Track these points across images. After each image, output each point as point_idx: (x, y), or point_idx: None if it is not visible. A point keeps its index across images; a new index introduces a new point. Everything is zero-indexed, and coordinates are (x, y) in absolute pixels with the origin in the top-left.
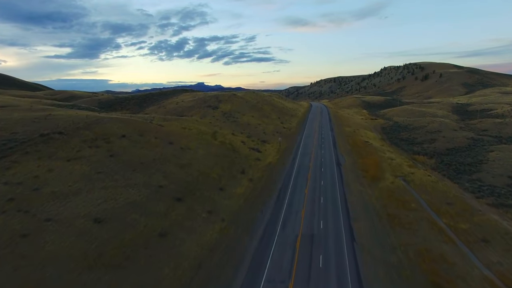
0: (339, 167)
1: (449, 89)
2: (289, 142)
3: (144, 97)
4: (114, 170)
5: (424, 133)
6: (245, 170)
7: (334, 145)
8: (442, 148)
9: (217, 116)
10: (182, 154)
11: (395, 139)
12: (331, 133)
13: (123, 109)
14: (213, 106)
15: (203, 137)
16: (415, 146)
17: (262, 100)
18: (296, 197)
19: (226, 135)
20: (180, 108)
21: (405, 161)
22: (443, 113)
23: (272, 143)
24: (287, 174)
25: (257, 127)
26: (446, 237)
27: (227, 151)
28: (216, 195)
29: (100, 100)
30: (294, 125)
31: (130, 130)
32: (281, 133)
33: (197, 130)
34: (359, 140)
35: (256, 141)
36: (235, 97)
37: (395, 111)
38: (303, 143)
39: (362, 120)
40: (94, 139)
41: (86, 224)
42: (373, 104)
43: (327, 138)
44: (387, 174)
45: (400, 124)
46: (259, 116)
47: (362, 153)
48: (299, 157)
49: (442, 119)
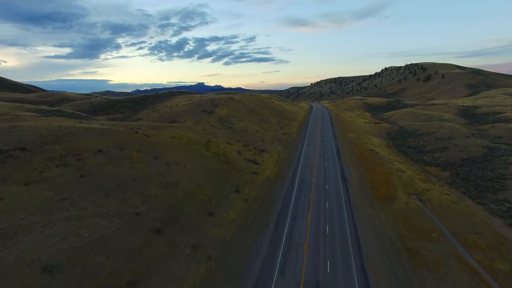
0: (345, 183)
1: (452, 90)
2: (289, 151)
3: (138, 99)
4: (82, 195)
5: (433, 140)
6: (240, 188)
7: (338, 155)
8: (455, 158)
9: (212, 122)
10: (168, 171)
11: (402, 147)
12: (334, 140)
13: (115, 113)
14: (208, 111)
15: (194, 148)
16: (425, 155)
17: (261, 103)
18: (297, 226)
19: (221, 144)
20: (173, 113)
21: (417, 174)
22: (449, 116)
23: (270, 153)
24: (287, 193)
25: (255, 134)
26: (483, 284)
27: (221, 164)
28: (204, 222)
29: (93, 103)
30: (295, 130)
31: (109, 143)
32: (280, 140)
33: (188, 139)
34: (364, 148)
35: (254, 150)
36: (232, 100)
37: (399, 114)
38: (304, 153)
39: (365, 124)
40: (64, 155)
41: (31, 274)
42: (376, 106)
43: (330, 146)
44: (400, 192)
45: (406, 129)
46: (258, 121)
47: (369, 165)
48: (300, 170)
49: (451, 124)
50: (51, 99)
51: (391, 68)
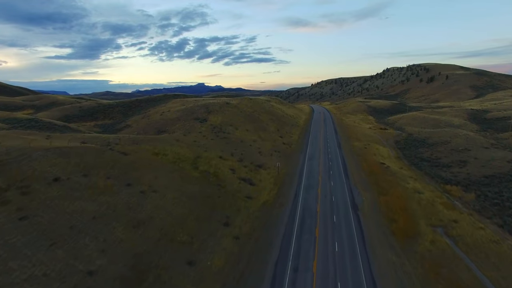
0: (356, 212)
1: (457, 92)
2: (289, 165)
3: (130, 104)
4: (16, 249)
5: (449, 151)
6: (231, 219)
7: (345, 171)
8: (478, 175)
9: (205, 132)
10: (142, 203)
11: (414, 159)
12: (339, 151)
13: (105, 118)
14: (201, 119)
15: (180, 167)
16: (441, 170)
17: (259, 108)
18: (299, 283)
19: (212, 159)
20: (163, 121)
21: (437, 196)
22: (459, 121)
23: (269, 168)
24: (287, 228)
25: (251, 144)
26: None
27: (210, 188)
28: (180, 277)
29: (82, 107)
30: (296, 139)
31: (71, 167)
32: (280, 151)
33: (174, 155)
34: (373, 161)
35: (250, 166)
36: (228, 106)
37: (406, 119)
38: (307, 168)
39: (370, 131)
40: (5, 188)
41: None
42: (380, 109)
43: (335, 159)
44: (422, 224)
45: (416, 137)
46: (255, 128)
47: (381, 184)
48: (302, 193)
49: (465, 132)
50: (39, 103)
51: (392, 69)
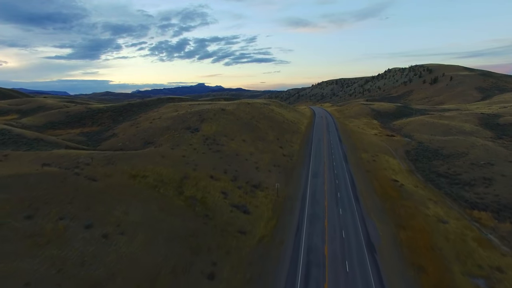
0: (373, 255)
1: (463, 94)
2: (290, 184)
3: (121, 108)
4: None
5: (468, 165)
6: (217, 268)
7: (354, 194)
8: (509, 197)
9: (196, 144)
10: (101, 253)
11: (429, 173)
12: (346, 165)
13: (93, 125)
14: (192, 128)
15: (161, 194)
16: (463, 190)
17: (257, 113)
18: None
19: (201, 180)
20: (152, 130)
21: (466, 227)
22: (471, 127)
23: (267, 189)
24: (288, 282)
25: (248, 158)
26: None
27: (194, 221)
28: None
29: (69, 113)
30: (297, 149)
31: (12, 206)
32: (280, 166)
33: (156, 177)
34: (384, 178)
35: (244, 187)
36: (223, 113)
37: (413, 124)
38: (311, 189)
39: (377, 138)
40: None
41: None
42: (384, 113)
43: (342, 176)
44: (457, 272)
45: (427, 147)
46: (253, 138)
47: (399, 211)
48: (306, 226)
49: (483, 142)
50: (25, 107)
51: (394, 70)
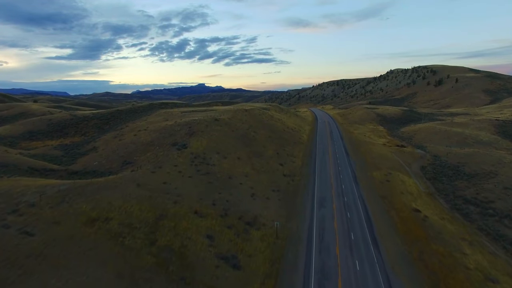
0: None
1: (470, 96)
2: (292, 218)
3: (109, 115)
4: None
5: (502, 190)
6: None
7: (372, 237)
8: None
9: (182, 165)
10: None
11: (452, 197)
12: (357, 188)
13: (76, 135)
14: (179, 144)
15: (123, 247)
16: (502, 224)
17: (255, 122)
18: None
19: (182, 219)
20: (134, 145)
21: None
22: (488, 137)
23: (264, 227)
24: None
25: (243, 182)
26: None
27: None
28: None
29: (52, 120)
30: (299, 165)
31: None
32: (280, 190)
33: (122, 219)
34: (403, 207)
35: (236, 225)
36: (216, 124)
37: (424, 133)
38: (317, 226)
39: (386, 149)
40: None
41: None
42: (390, 118)
43: (354, 207)
44: None
45: (445, 162)
46: (249, 155)
47: (429, 261)
48: None
49: (510, 157)
50: (7, 113)
51: (397, 71)
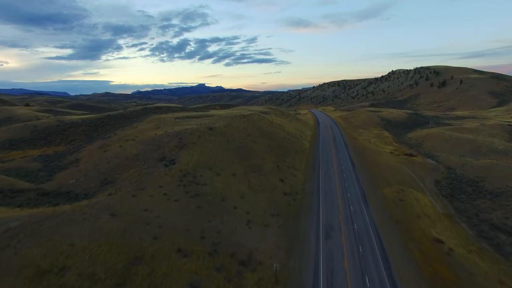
0: None
1: (475, 98)
2: (293, 255)
3: (98, 122)
4: None
5: None
6: None
7: (391, 282)
8: None
9: (168, 185)
10: None
11: (477, 223)
12: (367, 211)
13: (61, 143)
14: (167, 159)
15: None
16: None
17: (254, 129)
18: None
19: (162, 261)
20: (118, 159)
21: None
22: (503, 144)
23: (260, 268)
24: None
25: (237, 206)
26: None
27: None
28: None
29: (36, 127)
30: (301, 179)
31: None
32: (279, 213)
33: (83, 268)
34: (423, 237)
35: (228, 267)
36: (210, 134)
37: (433, 140)
38: (325, 271)
39: (394, 158)
40: None
41: None
42: (395, 122)
43: (366, 237)
44: None
45: (461, 176)
46: (246, 170)
47: None
48: None
49: None
50: None
51: (398, 71)
